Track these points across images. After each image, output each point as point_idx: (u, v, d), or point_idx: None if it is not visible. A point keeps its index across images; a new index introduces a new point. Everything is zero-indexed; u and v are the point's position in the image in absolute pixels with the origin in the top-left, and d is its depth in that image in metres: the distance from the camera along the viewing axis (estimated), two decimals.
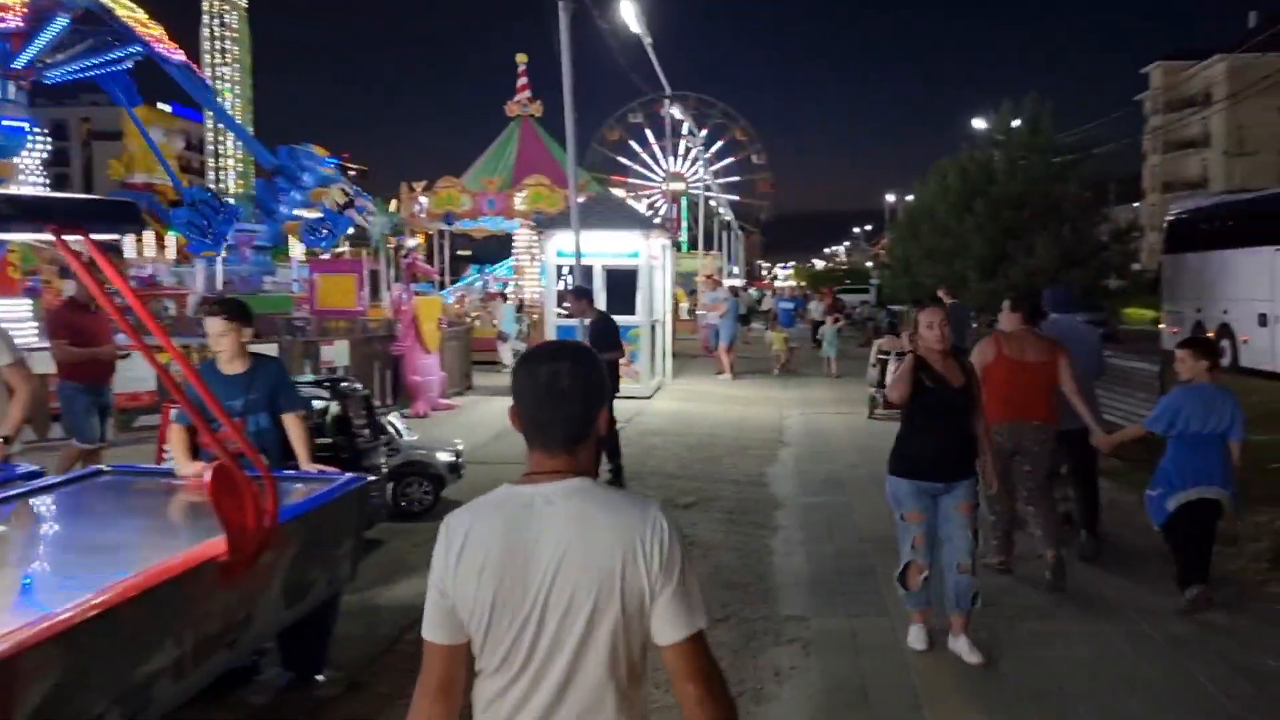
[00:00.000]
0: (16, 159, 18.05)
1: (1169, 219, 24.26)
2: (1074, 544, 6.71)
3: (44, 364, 7.97)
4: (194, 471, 4.35)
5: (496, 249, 41.69)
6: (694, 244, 47.55)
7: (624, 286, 15.73)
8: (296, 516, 3.85)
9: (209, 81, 38.00)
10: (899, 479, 5.09)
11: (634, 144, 72.36)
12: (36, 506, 4.23)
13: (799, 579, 6.57)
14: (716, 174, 54.41)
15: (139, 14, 19.78)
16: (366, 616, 5.56)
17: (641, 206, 22.93)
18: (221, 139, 53.36)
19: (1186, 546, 5.68)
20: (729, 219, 54.91)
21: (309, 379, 6.86)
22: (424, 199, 24.10)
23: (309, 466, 4.62)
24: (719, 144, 71.59)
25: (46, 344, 8.14)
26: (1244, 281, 19.89)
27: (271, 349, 12.04)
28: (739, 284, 31.37)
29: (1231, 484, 5.64)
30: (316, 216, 27.05)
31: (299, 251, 46.96)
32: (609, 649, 1.81)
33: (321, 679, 4.49)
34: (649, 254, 15.89)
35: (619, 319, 15.76)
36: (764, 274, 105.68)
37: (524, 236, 23.91)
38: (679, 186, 65.15)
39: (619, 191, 23.55)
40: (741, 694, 4.63)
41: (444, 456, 7.90)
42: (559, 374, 1.88)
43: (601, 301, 15.63)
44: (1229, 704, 4.56)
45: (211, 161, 56.30)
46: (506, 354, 19.95)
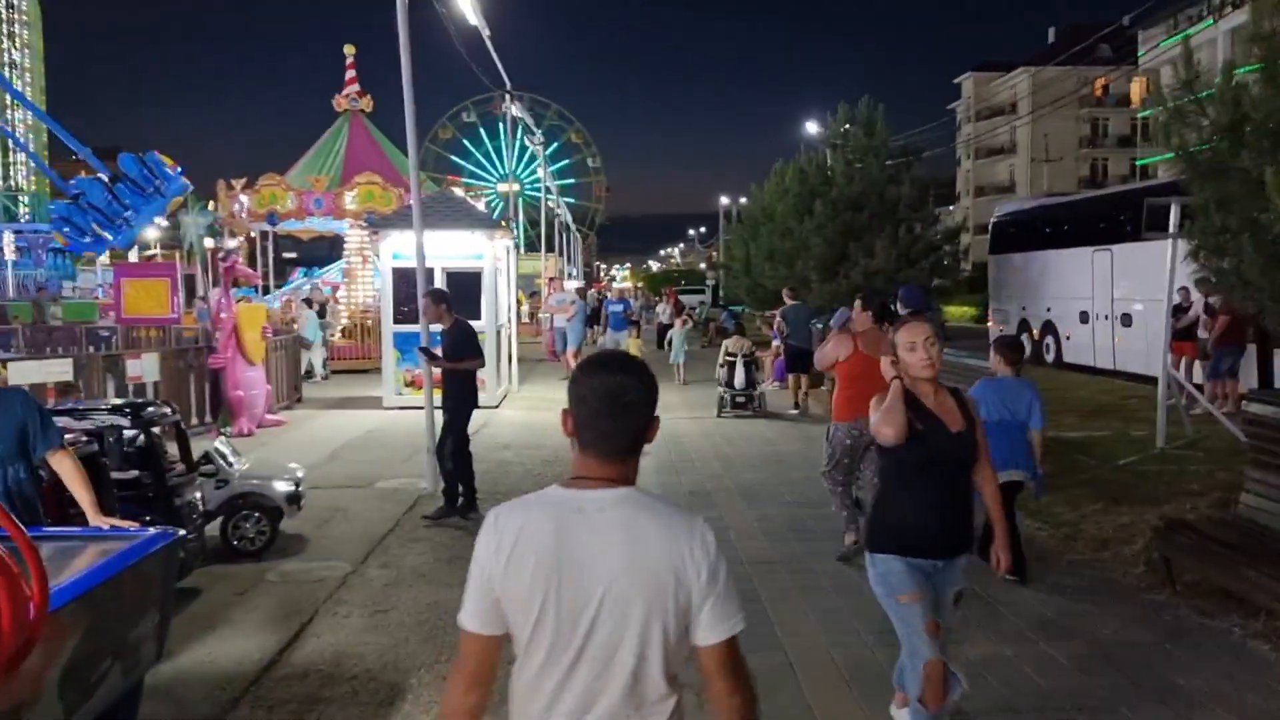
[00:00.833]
0: None
1: (993, 221, 25.25)
2: None
3: None
4: None
5: (326, 251, 39.68)
6: (530, 246, 46.74)
7: (467, 290, 14.87)
8: (78, 597, 2.97)
9: None
10: (887, 556, 3.76)
11: (467, 143, 70.90)
12: None
13: None
14: (554, 176, 53.69)
15: None
16: (178, 693, 4.62)
17: (480, 206, 21.97)
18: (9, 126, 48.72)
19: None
20: (568, 221, 54.39)
21: (106, 404, 5.80)
22: (244, 197, 22.40)
23: (98, 520, 3.71)
24: (554, 145, 70.95)
25: None
26: (1066, 281, 20.80)
27: (65, 366, 10.64)
28: (579, 285, 30.80)
29: (1033, 467, 6.13)
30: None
31: (104, 254, 43.50)
32: (654, 650, 1.88)
33: None
34: (493, 256, 15.08)
35: None
36: (602, 276, 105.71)
37: (355, 237, 22.58)
38: (514, 187, 64.09)
39: (458, 191, 22.51)
40: None
41: (281, 486, 6.94)
42: (627, 387, 1.95)
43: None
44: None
45: None
46: (317, 360, 19.03)
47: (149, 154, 17.88)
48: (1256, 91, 7.08)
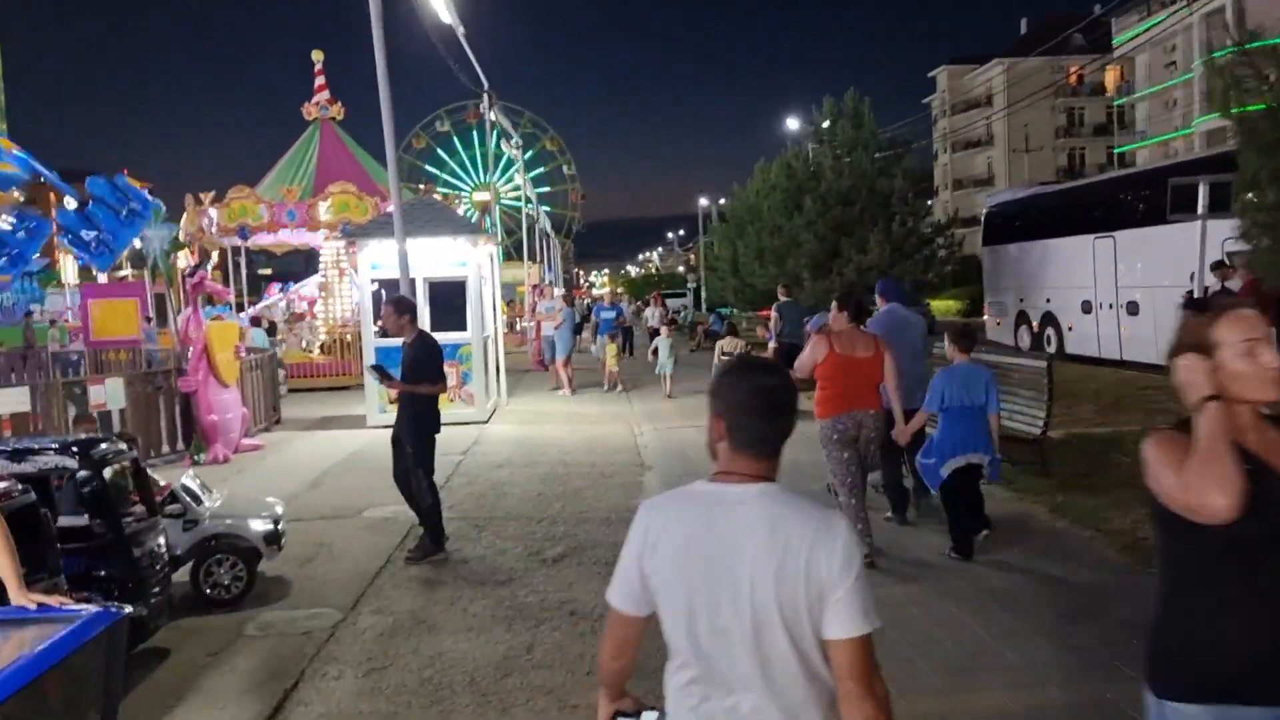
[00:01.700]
0: None
1: (986, 211, 24.68)
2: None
3: None
4: None
5: (302, 265, 38.66)
6: (507, 254, 45.96)
7: (450, 300, 14.15)
8: None
9: None
10: (1189, 707, 2.15)
11: (441, 152, 70.01)
12: None
13: None
14: (531, 184, 52.98)
15: None
16: None
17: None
18: None
19: (958, 504, 6.62)
20: (546, 228, 53.70)
21: (51, 442, 5.03)
22: (214, 211, 21.54)
23: (21, 599, 2.97)
24: (529, 153, 70.11)
25: None
26: (1066, 270, 20.24)
27: (20, 395, 9.85)
28: (563, 293, 30.13)
29: (991, 450, 6.58)
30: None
31: (72, 275, 42.37)
32: (797, 641, 1.92)
33: None
34: (477, 264, 14.34)
35: (447, 336, 14.22)
36: (581, 282, 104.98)
37: (331, 250, 21.77)
38: (486, 196, 63.34)
39: (437, 198, 21.75)
40: None
41: (258, 525, 6.18)
42: (777, 388, 2.05)
43: (425, 319, 14.02)
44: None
45: None
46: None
47: (119, 176, 16.99)
48: None
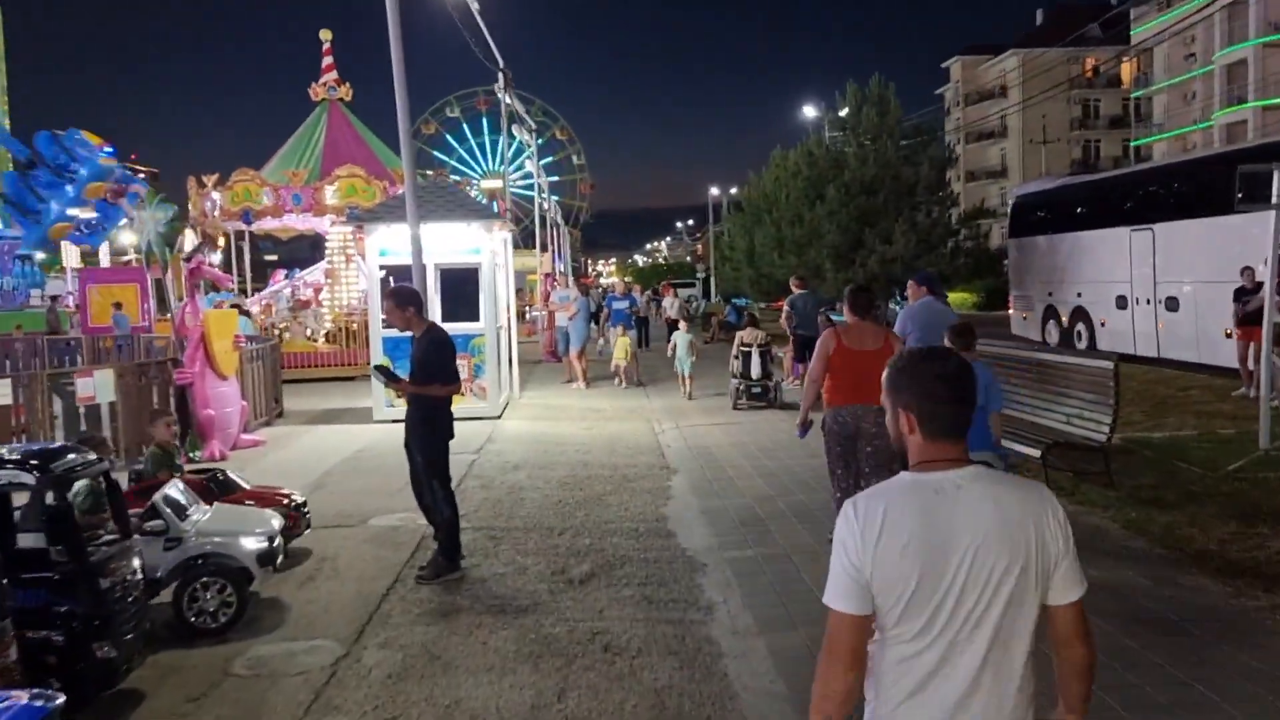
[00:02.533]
0: None
1: (1014, 202, 23.86)
2: None
3: None
4: None
5: (309, 251, 37.97)
6: (516, 243, 45.25)
7: (463, 289, 13.44)
8: None
9: None
10: None
11: (451, 139, 69.32)
12: None
13: (774, 696, 4.60)
14: (542, 171, 52.23)
15: None
16: None
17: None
18: None
19: None
20: (556, 217, 53.00)
21: (5, 453, 4.32)
22: (217, 195, 20.85)
23: None
24: (539, 142, 69.38)
25: None
26: (1100, 263, 19.46)
27: (3, 386, 9.17)
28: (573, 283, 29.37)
29: (998, 447, 6.53)
30: (90, 216, 23.15)
31: (75, 259, 41.70)
32: (1021, 613, 2.00)
33: None
34: (491, 250, 13.62)
35: (459, 326, 13.49)
36: (589, 272, 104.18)
37: (337, 235, 21.06)
38: (497, 184, 62.63)
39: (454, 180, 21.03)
40: None
41: (250, 543, 5.48)
42: (964, 373, 2.13)
43: (436, 309, 13.31)
44: None
45: None
46: None
47: (70, 132, 15.97)
48: None
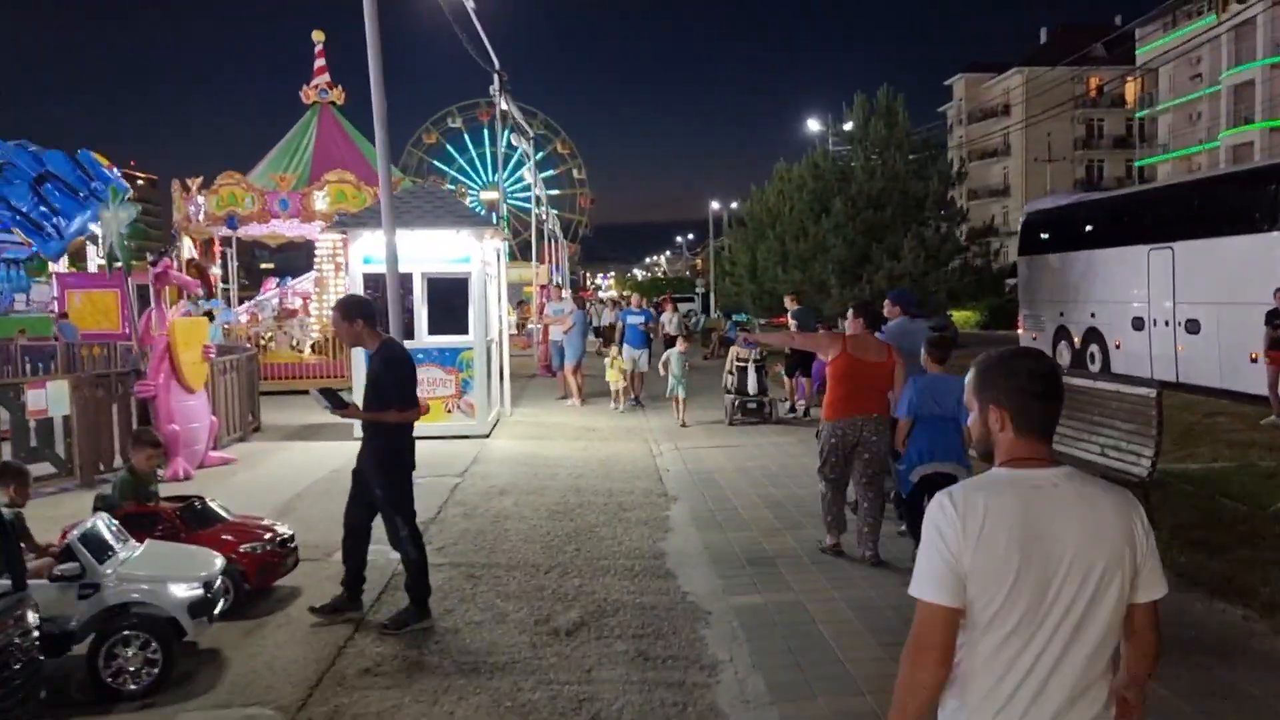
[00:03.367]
0: None
1: (1024, 219, 23.20)
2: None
3: None
4: None
5: (305, 260, 37.31)
6: (513, 254, 44.57)
7: (451, 299, 12.72)
8: None
9: None
10: None
11: (451, 149, 68.84)
12: None
13: None
14: (542, 184, 51.62)
15: None
16: None
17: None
18: None
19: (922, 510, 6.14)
20: (555, 229, 52.34)
21: None
22: (201, 198, 20.15)
23: None
24: (539, 155, 68.88)
25: None
26: (1115, 283, 18.77)
27: None
28: (568, 295, 28.48)
29: (965, 459, 6.54)
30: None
31: (63, 264, 40.94)
32: (1112, 608, 2.05)
33: None
34: (482, 259, 12.90)
35: (448, 339, 12.78)
36: (587, 284, 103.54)
37: (327, 242, 20.35)
38: (494, 195, 62.06)
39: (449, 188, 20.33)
40: None
41: (180, 590, 4.71)
42: (1055, 374, 2.17)
43: (422, 321, 12.58)
44: None
45: None
46: None
47: (82, 152, 15.46)
48: None
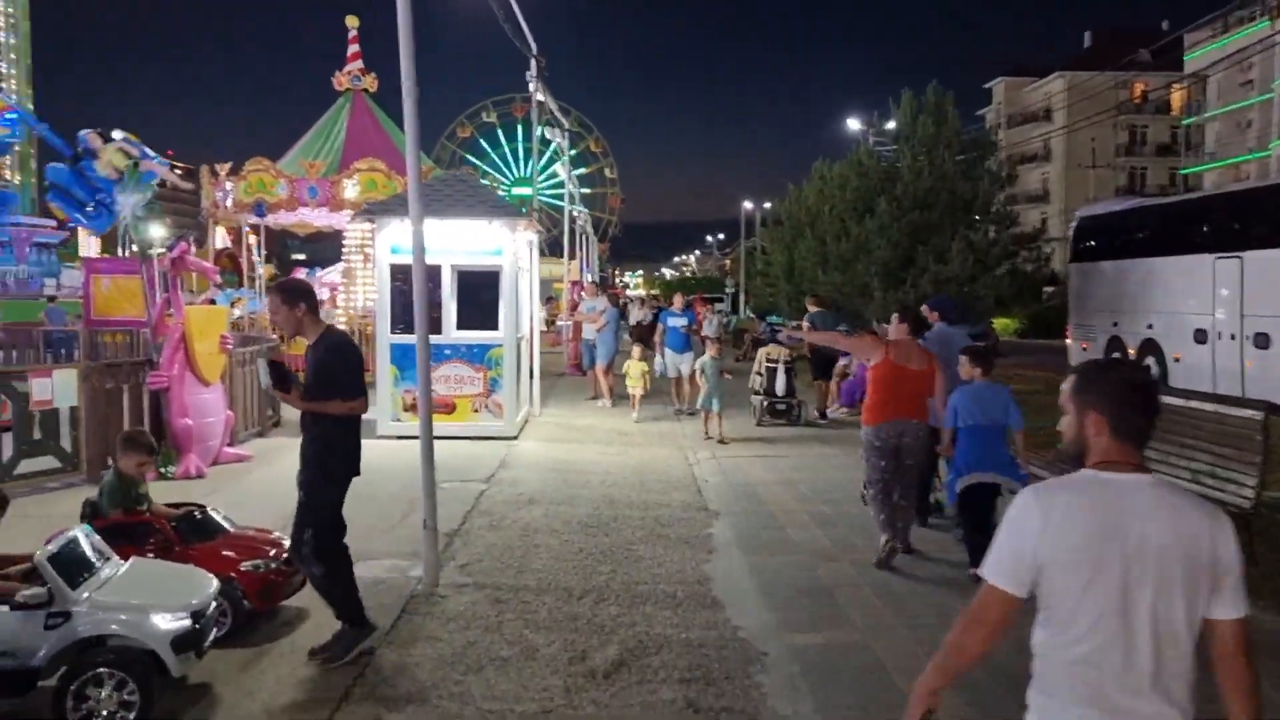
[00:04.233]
0: None
1: (1076, 225, 22.29)
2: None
3: None
4: None
5: (333, 249, 37.02)
6: (541, 250, 44.03)
7: (481, 294, 12.10)
8: None
9: None
10: None
11: (485, 144, 68.46)
12: None
13: None
14: (577, 181, 51.05)
15: None
16: None
17: None
18: None
19: (974, 521, 6.52)
20: (586, 226, 51.77)
21: None
22: (230, 184, 19.69)
23: None
24: (572, 152, 68.39)
25: None
26: (1176, 293, 17.87)
27: None
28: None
29: (1014, 469, 6.53)
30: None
31: (94, 249, 40.87)
32: (1188, 614, 2.11)
33: None
34: (514, 252, 12.27)
35: (476, 335, 12.15)
36: (616, 282, 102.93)
37: (356, 232, 19.83)
38: (527, 191, 61.56)
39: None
40: None
41: (164, 621, 4.08)
42: (1151, 385, 2.26)
43: (450, 316, 11.97)
44: None
45: None
46: None
47: (114, 132, 14.86)
48: None
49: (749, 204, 68.28)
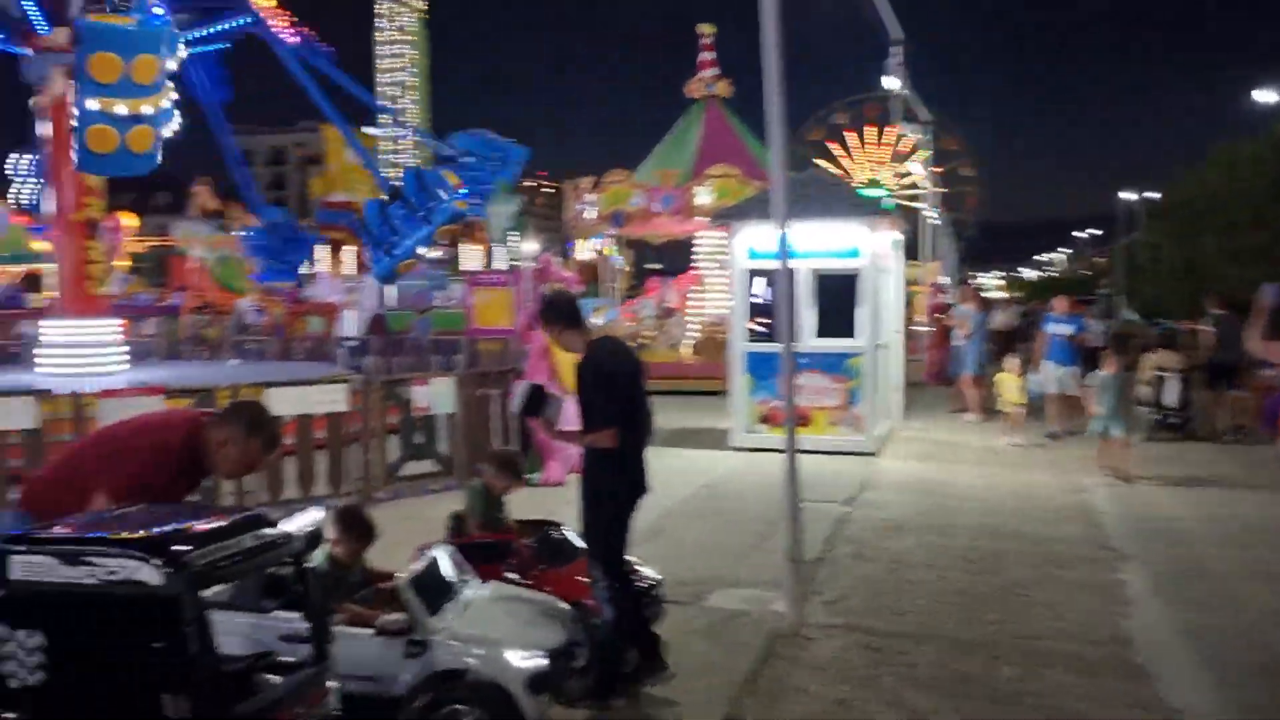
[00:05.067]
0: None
1: None
2: None
3: None
4: None
5: (684, 257, 37.94)
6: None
7: (838, 298, 11.37)
8: None
9: (381, 87, 36.03)
10: None
11: (836, 148, 67.48)
12: None
13: None
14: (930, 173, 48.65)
15: None
16: None
17: None
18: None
19: None
20: (940, 225, 49.21)
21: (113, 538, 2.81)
22: (590, 198, 20.47)
23: None
24: (927, 154, 65.53)
25: None
26: None
27: (335, 394, 8.51)
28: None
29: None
30: (436, 254, 22.85)
31: (476, 261, 44.81)
32: None
33: None
34: (874, 253, 11.44)
35: (834, 343, 11.42)
36: (969, 283, 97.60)
37: (708, 239, 19.86)
38: (878, 192, 59.73)
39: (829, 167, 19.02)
40: None
41: (517, 659, 3.78)
42: None
43: (808, 323, 11.35)
44: None
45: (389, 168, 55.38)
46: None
47: (432, 171, 15.51)
48: None
49: (1130, 194, 61.81)
